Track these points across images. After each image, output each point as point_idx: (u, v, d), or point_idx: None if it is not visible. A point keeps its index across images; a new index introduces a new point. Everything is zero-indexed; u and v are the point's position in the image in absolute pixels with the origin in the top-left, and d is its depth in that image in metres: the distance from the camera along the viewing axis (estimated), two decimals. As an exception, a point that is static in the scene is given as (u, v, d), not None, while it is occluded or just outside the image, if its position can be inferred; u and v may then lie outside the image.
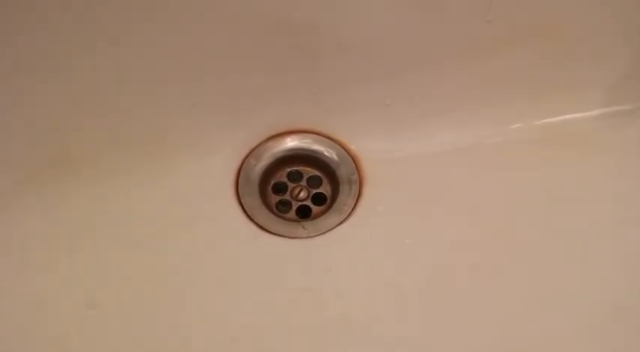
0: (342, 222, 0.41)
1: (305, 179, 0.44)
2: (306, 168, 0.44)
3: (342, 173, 0.43)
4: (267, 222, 0.40)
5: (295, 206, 0.43)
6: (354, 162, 0.43)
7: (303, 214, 0.42)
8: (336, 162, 0.43)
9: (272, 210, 0.42)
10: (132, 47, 0.38)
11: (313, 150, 0.44)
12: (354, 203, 0.42)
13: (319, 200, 0.43)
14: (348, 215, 0.41)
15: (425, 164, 0.43)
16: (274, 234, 0.40)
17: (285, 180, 0.44)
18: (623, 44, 0.42)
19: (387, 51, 0.41)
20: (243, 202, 0.41)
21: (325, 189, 0.44)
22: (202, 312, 0.36)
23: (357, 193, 0.42)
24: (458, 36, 0.41)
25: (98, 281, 0.37)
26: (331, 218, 0.41)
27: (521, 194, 0.41)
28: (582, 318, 0.36)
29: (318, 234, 0.40)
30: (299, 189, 0.43)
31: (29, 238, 0.38)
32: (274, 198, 0.43)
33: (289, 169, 0.44)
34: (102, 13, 0.36)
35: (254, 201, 0.41)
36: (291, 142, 0.44)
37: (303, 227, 0.41)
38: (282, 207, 0.43)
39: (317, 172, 0.44)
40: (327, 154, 0.44)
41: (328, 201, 0.43)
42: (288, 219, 0.42)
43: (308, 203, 0.43)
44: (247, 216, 0.41)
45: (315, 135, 0.44)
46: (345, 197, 0.42)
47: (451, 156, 0.43)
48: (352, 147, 0.44)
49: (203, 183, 0.41)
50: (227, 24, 0.38)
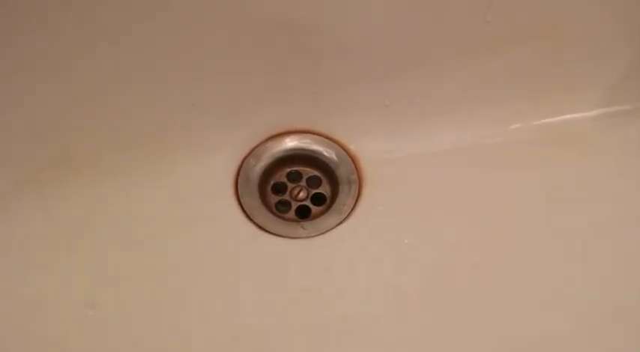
0: (341, 222, 0.41)
1: (304, 179, 0.44)
2: (306, 169, 0.44)
3: (342, 173, 0.43)
4: (266, 222, 0.40)
5: (295, 206, 0.43)
6: (354, 163, 0.43)
7: (303, 214, 0.42)
8: (336, 162, 0.43)
9: (271, 210, 0.42)
10: (132, 47, 0.38)
11: (313, 151, 0.44)
12: (354, 203, 0.42)
13: (319, 200, 0.43)
14: (348, 215, 0.41)
15: (425, 164, 0.43)
16: (274, 234, 0.40)
17: (284, 180, 0.44)
18: (623, 44, 0.42)
19: (387, 51, 0.41)
20: (242, 202, 0.41)
21: (325, 189, 0.44)
22: (202, 312, 0.36)
23: (357, 193, 0.42)
24: (458, 36, 0.41)
25: (98, 281, 0.37)
26: (331, 218, 0.41)
27: (521, 194, 0.41)
28: (582, 318, 0.36)
29: (318, 234, 0.40)
30: (298, 189, 0.43)
31: (29, 238, 0.38)
32: (274, 198, 0.43)
33: (289, 169, 0.44)
34: (102, 13, 0.36)
35: (253, 201, 0.41)
36: (291, 142, 0.44)
37: (303, 227, 0.41)
38: (282, 207, 0.43)
39: (316, 172, 0.44)
40: (326, 154, 0.44)
41: (328, 201, 0.43)
42: (288, 219, 0.42)
43: (307, 203, 0.43)
44: (247, 216, 0.41)
45: (315, 136, 0.44)
46: (344, 197, 0.42)
47: (451, 156, 0.43)
48: (352, 148, 0.44)
49: (203, 183, 0.41)
50: (227, 24, 0.38)
